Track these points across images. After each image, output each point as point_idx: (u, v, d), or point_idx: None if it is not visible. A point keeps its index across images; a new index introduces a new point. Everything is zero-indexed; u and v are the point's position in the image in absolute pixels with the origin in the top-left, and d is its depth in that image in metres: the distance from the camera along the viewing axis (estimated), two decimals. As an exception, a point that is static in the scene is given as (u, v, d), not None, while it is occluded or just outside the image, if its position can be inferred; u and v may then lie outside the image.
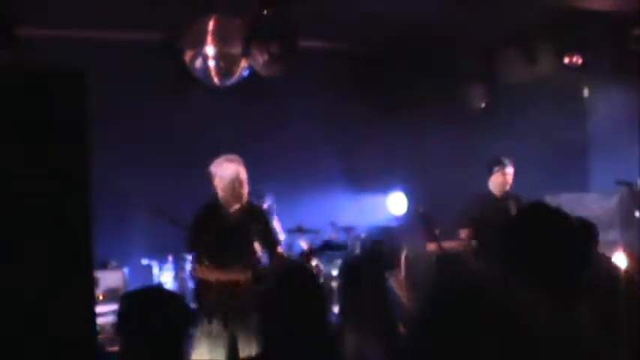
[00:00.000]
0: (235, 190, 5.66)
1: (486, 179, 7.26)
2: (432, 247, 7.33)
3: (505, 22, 7.38)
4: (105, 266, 7.33)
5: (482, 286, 1.44)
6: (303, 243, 7.82)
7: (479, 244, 6.82)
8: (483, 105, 8.85)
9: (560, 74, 8.25)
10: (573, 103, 8.67)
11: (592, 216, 6.92)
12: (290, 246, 7.80)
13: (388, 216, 9.29)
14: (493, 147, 8.25)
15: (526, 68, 8.24)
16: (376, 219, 9.03)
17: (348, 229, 8.44)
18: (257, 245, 5.75)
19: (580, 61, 8.12)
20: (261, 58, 6.70)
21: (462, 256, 6.87)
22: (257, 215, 5.85)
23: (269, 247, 5.83)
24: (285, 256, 5.90)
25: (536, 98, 8.54)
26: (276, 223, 7.47)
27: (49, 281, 3.35)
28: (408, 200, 9.19)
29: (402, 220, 9.09)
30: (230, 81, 6.82)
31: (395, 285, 6.10)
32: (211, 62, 6.65)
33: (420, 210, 7.47)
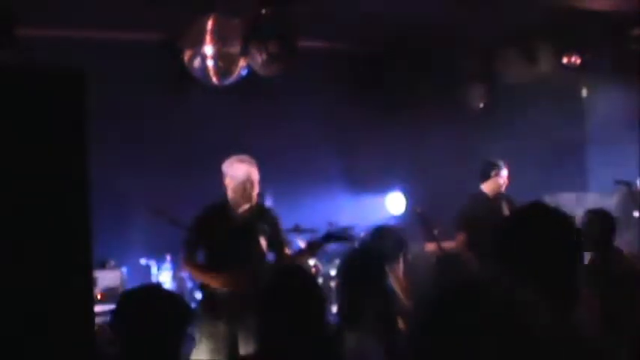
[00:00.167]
0: (246, 191, 5.65)
1: (479, 181, 7.28)
2: (431, 247, 7.34)
3: (504, 22, 7.38)
4: (103, 266, 7.34)
5: (482, 286, 1.44)
6: (301, 243, 7.82)
7: (474, 245, 6.82)
8: (482, 105, 8.85)
9: (559, 74, 8.25)
10: (572, 103, 8.67)
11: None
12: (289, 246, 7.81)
13: (387, 216, 9.30)
14: (492, 147, 8.26)
15: (525, 68, 8.24)
16: (375, 219, 9.04)
17: (347, 229, 8.43)
18: (263, 246, 5.74)
19: (579, 61, 8.12)
20: (259, 58, 6.70)
21: (461, 257, 6.87)
22: (266, 216, 5.83)
23: (276, 249, 5.82)
24: (291, 257, 5.88)
25: (535, 98, 8.54)
26: None
27: (48, 281, 3.35)
28: (407, 200, 9.20)
29: (401, 220, 9.09)
30: (229, 80, 6.82)
31: (393, 281, 6.10)
32: (210, 62, 6.65)
33: (419, 210, 7.48)
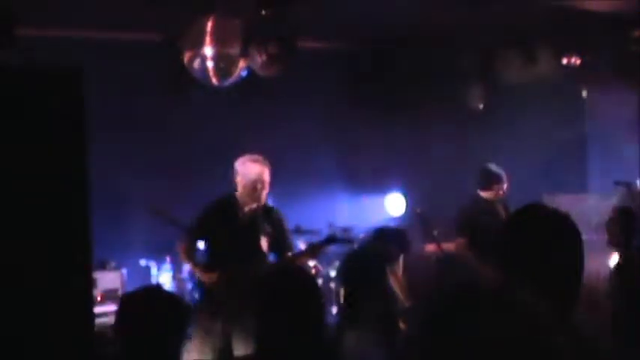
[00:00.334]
0: (256, 192, 5.69)
1: (477, 186, 7.26)
2: (431, 248, 7.33)
3: (504, 23, 7.38)
4: (103, 267, 7.33)
5: (483, 287, 1.44)
6: (301, 243, 7.81)
7: (474, 247, 6.81)
8: (482, 105, 8.84)
9: (559, 75, 8.24)
10: (572, 104, 8.66)
11: (590, 217, 6.94)
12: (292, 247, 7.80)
13: (387, 217, 9.29)
14: (492, 147, 8.25)
15: (525, 69, 8.24)
16: (375, 219, 9.03)
17: (347, 230, 8.43)
18: (264, 245, 5.75)
19: (579, 62, 8.11)
20: (259, 59, 6.69)
21: (461, 257, 6.88)
22: (272, 217, 5.84)
23: (280, 249, 5.83)
24: (292, 258, 5.88)
25: (535, 99, 8.53)
26: None
27: (48, 281, 3.35)
28: (407, 201, 9.19)
29: (401, 221, 9.08)
30: (228, 81, 6.82)
31: (393, 282, 6.11)
32: (210, 63, 6.64)
33: (419, 211, 7.47)
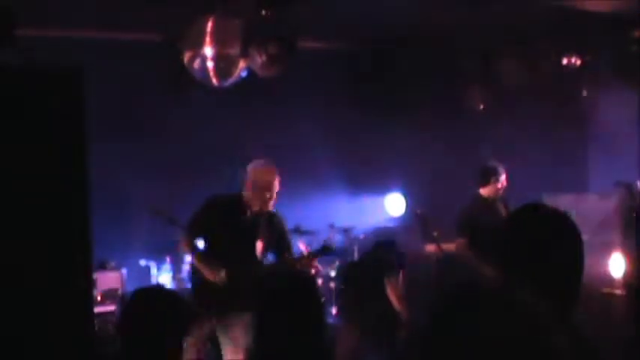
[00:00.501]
0: (263, 199, 5.72)
1: (477, 184, 7.26)
2: (431, 249, 7.33)
3: (504, 23, 7.38)
4: (103, 267, 7.34)
5: (485, 288, 1.44)
6: (301, 244, 7.81)
7: (475, 248, 6.80)
8: (482, 106, 8.84)
9: (559, 75, 8.24)
10: (572, 105, 8.65)
11: (591, 217, 6.94)
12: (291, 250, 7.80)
13: (386, 217, 9.29)
14: (492, 148, 8.25)
15: (525, 69, 8.24)
16: (375, 220, 9.04)
17: (347, 230, 8.44)
18: (258, 248, 5.77)
19: (579, 62, 8.11)
20: (259, 59, 6.69)
21: (462, 258, 6.87)
22: (274, 222, 5.88)
23: (279, 252, 5.85)
24: (289, 262, 5.90)
25: (535, 99, 8.53)
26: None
27: (48, 281, 3.35)
28: (407, 202, 9.19)
29: (401, 222, 9.08)
30: (228, 82, 6.81)
31: (391, 294, 6.11)
32: (210, 63, 6.64)
33: (419, 211, 7.47)
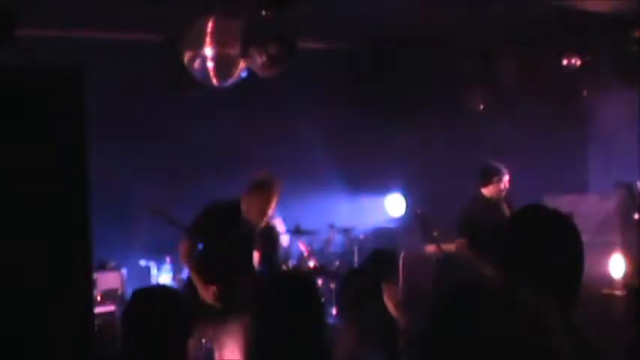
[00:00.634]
0: (261, 213, 5.75)
1: (478, 184, 7.25)
2: (431, 249, 7.33)
3: (504, 24, 7.38)
4: (103, 267, 7.33)
5: (485, 288, 1.44)
6: (301, 245, 7.81)
7: (475, 248, 6.80)
8: (482, 106, 8.84)
9: (559, 75, 8.24)
10: (572, 105, 8.65)
11: (591, 218, 6.93)
12: (288, 247, 7.81)
13: (386, 217, 9.29)
14: (492, 148, 8.25)
15: (525, 69, 8.24)
16: (375, 220, 9.04)
17: (347, 231, 8.44)
18: (255, 259, 5.81)
19: (579, 63, 8.11)
20: (259, 60, 6.69)
21: (462, 258, 6.87)
22: (269, 235, 5.92)
23: (269, 267, 5.90)
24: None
25: (535, 99, 8.53)
26: (279, 224, 7.52)
27: (48, 281, 3.35)
28: (407, 202, 9.19)
29: (401, 222, 9.08)
30: (228, 82, 6.82)
31: (388, 302, 6.12)
32: (210, 63, 6.64)
33: (419, 212, 7.46)
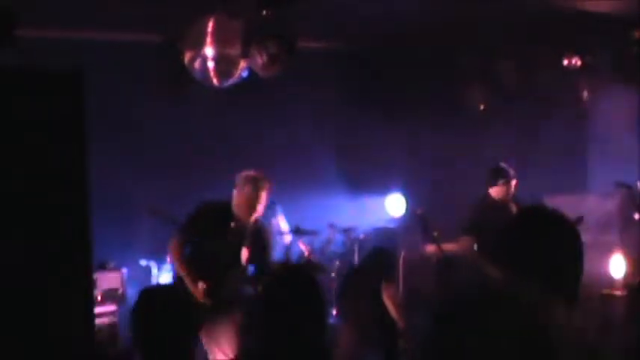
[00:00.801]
0: (250, 210, 5.81)
1: (485, 184, 7.24)
2: (431, 249, 7.32)
3: (504, 24, 7.38)
4: (103, 267, 7.33)
5: (494, 288, 1.43)
6: (301, 244, 7.80)
7: (480, 248, 6.79)
8: (482, 107, 8.84)
9: (559, 76, 8.24)
10: (573, 105, 8.66)
11: (591, 218, 6.93)
12: (289, 247, 7.81)
13: (387, 217, 9.28)
14: (492, 148, 8.25)
15: (525, 70, 8.24)
16: (375, 220, 9.03)
17: (347, 231, 8.43)
18: (244, 257, 5.82)
19: (579, 63, 8.11)
20: (260, 60, 6.68)
21: (462, 259, 6.86)
22: (260, 234, 5.95)
23: (259, 268, 5.91)
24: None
25: (535, 100, 8.54)
26: (283, 222, 7.53)
27: (48, 282, 3.35)
28: (407, 202, 9.18)
29: (401, 222, 9.07)
30: (229, 82, 6.82)
31: (387, 301, 6.11)
32: (210, 63, 6.64)
33: (419, 212, 7.45)
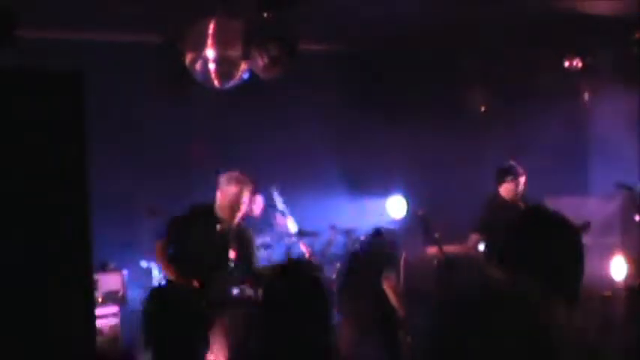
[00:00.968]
0: (232, 211, 5.87)
1: (494, 183, 7.25)
2: (432, 251, 7.33)
3: (505, 26, 7.38)
4: (104, 268, 7.33)
5: (493, 288, 1.43)
6: (302, 246, 7.80)
7: (488, 248, 6.80)
8: (484, 108, 8.84)
9: (560, 77, 8.24)
10: (573, 107, 8.66)
11: (592, 219, 6.93)
12: (290, 249, 7.80)
13: (388, 219, 9.28)
14: (493, 150, 8.25)
15: (526, 71, 8.24)
16: (376, 222, 9.02)
17: (348, 232, 8.43)
18: (232, 256, 5.83)
19: (580, 65, 8.11)
20: (261, 61, 6.69)
21: (464, 259, 6.87)
22: (242, 237, 5.98)
23: (243, 271, 5.92)
24: (250, 282, 5.96)
25: (536, 102, 8.54)
26: (291, 224, 7.53)
27: (49, 283, 3.35)
28: (408, 203, 9.18)
29: (402, 224, 9.07)
30: (230, 84, 6.82)
31: (387, 289, 6.11)
32: (211, 65, 6.64)
33: (420, 213, 7.45)
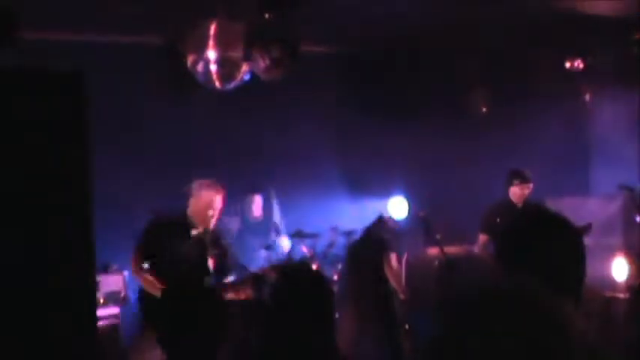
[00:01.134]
0: (206, 217, 5.92)
1: (502, 187, 7.29)
2: (433, 252, 7.33)
3: (505, 26, 7.38)
4: (106, 269, 7.33)
5: (497, 288, 1.43)
6: (303, 247, 7.80)
7: (495, 250, 6.81)
8: (485, 109, 8.84)
9: (560, 78, 8.24)
10: (575, 108, 8.66)
11: (593, 220, 6.93)
12: (291, 250, 7.81)
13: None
14: (494, 151, 8.25)
15: (527, 72, 8.24)
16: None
17: (349, 233, 8.43)
18: (210, 265, 5.84)
19: (581, 66, 8.11)
20: (262, 63, 6.69)
21: (465, 260, 6.88)
22: (218, 242, 6.03)
23: (221, 275, 5.93)
24: (230, 286, 5.96)
25: (536, 102, 8.54)
26: (284, 240, 7.54)
27: (51, 284, 3.35)
28: (409, 205, 9.17)
29: (403, 225, 9.06)
30: (231, 85, 6.83)
31: (388, 271, 6.12)
32: (213, 66, 6.65)
33: (421, 214, 7.45)
